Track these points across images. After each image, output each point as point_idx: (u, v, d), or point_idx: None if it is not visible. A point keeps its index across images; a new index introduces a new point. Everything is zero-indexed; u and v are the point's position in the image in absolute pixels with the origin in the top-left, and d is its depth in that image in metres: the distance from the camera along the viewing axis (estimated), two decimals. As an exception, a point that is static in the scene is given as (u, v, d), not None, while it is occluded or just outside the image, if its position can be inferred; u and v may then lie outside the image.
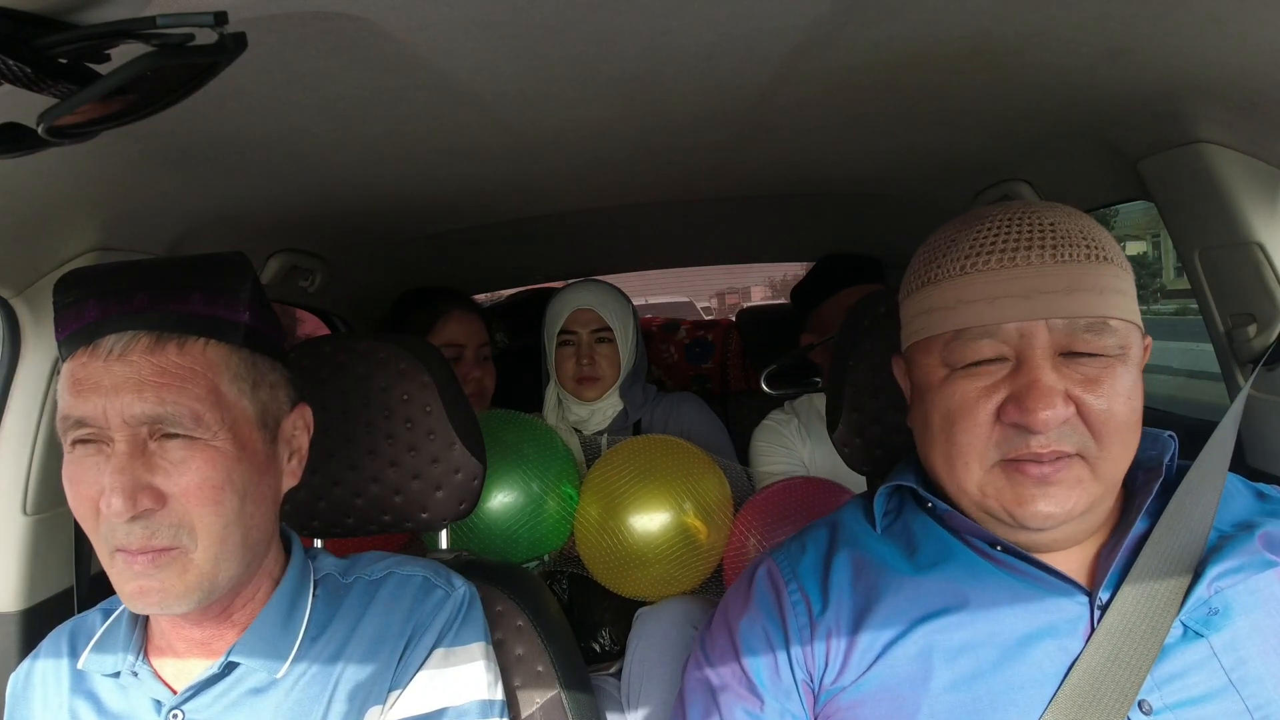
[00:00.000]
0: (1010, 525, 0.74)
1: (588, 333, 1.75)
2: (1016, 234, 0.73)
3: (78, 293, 0.73)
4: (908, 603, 0.78)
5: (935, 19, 0.77)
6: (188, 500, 0.71)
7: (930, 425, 0.77)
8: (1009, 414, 0.71)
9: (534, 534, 1.48)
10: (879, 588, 0.80)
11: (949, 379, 0.75)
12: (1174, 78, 0.92)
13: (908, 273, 0.83)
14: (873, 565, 0.82)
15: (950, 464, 0.75)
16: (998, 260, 0.73)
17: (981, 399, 0.72)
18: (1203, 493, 0.79)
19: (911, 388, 0.83)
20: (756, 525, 1.42)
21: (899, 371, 0.87)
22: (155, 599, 0.72)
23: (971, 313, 0.73)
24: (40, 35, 0.47)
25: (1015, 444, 0.71)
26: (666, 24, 0.74)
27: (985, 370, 0.73)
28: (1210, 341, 1.18)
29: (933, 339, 0.76)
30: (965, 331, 0.73)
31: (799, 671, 0.80)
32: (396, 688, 0.82)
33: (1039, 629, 0.74)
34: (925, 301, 0.77)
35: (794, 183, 1.52)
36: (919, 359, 0.79)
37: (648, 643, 1.38)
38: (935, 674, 0.74)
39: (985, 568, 0.79)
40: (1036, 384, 0.69)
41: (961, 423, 0.73)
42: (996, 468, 0.73)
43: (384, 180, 1.21)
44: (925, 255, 0.80)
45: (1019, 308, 0.71)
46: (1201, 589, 0.74)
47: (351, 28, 0.67)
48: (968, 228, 0.76)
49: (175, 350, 0.72)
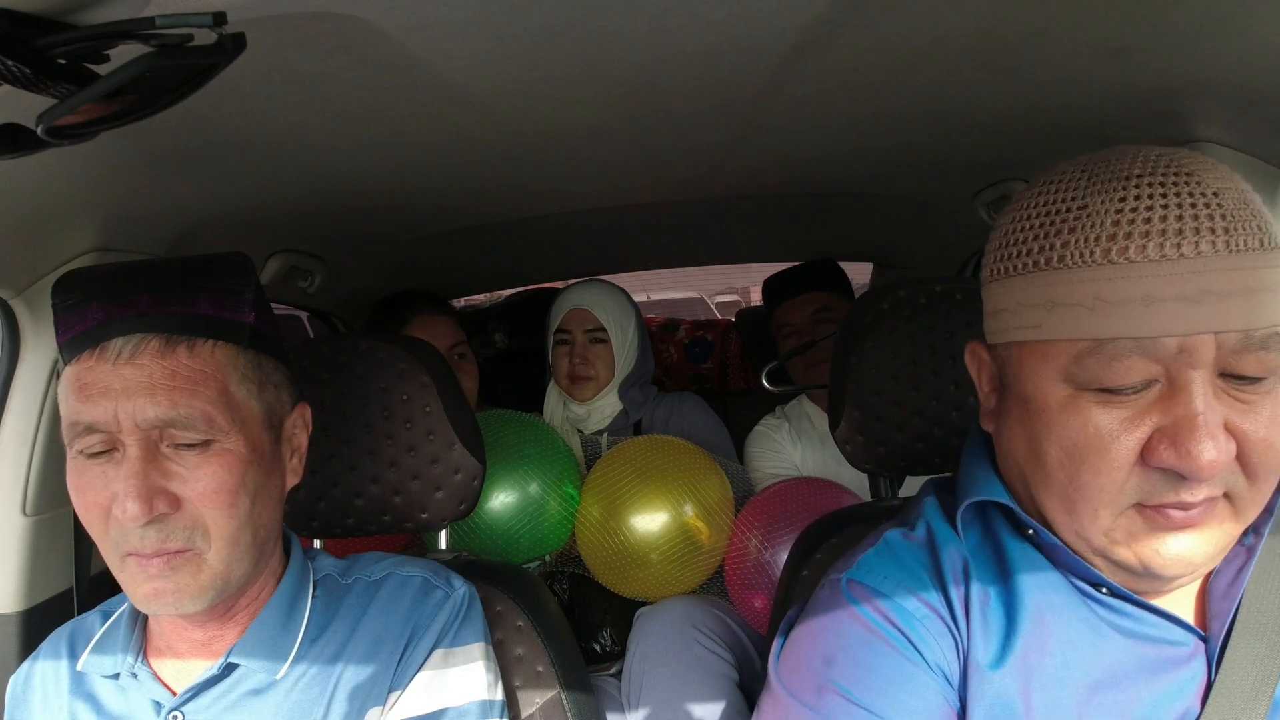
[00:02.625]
0: (1137, 574, 0.60)
1: (582, 333, 1.76)
2: (1178, 210, 0.54)
3: (78, 295, 0.73)
4: (1029, 655, 0.63)
5: (934, 18, 0.77)
6: (203, 504, 0.71)
7: (1043, 458, 0.60)
8: (1161, 457, 0.55)
9: (535, 534, 1.48)
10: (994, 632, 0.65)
11: (1075, 402, 0.57)
12: (1173, 77, 0.92)
13: (1003, 240, 0.63)
14: (979, 596, 0.67)
15: (1072, 509, 0.59)
16: (1156, 247, 0.54)
17: (1122, 434, 0.56)
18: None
19: (1004, 386, 0.65)
20: (758, 525, 1.42)
21: (975, 363, 0.69)
22: (170, 600, 0.72)
23: (1120, 319, 0.54)
24: (39, 36, 0.46)
25: (1161, 491, 0.56)
26: (665, 24, 0.74)
27: (1126, 398, 0.56)
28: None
29: (1053, 344, 0.58)
30: (1109, 344, 0.55)
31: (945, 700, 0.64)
32: (396, 688, 0.82)
33: (1164, 693, 0.61)
34: (1043, 290, 0.58)
35: (793, 182, 1.52)
36: (1026, 364, 0.61)
37: (648, 643, 1.38)
38: None
39: (1094, 612, 0.64)
40: (1199, 420, 0.53)
41: (1093, 462, 0.57)
42: (1130, 510, 0.58)
43: (383, 180, 1.21)
44: (1036, 221, 0.60)
45: (1185, 317, 0.53)
46: None
47: (351, 28, 0.67)
48: (1107, 192, 0.56)
49: (185, 353, 0.71)
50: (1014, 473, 0.66)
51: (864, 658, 0.65)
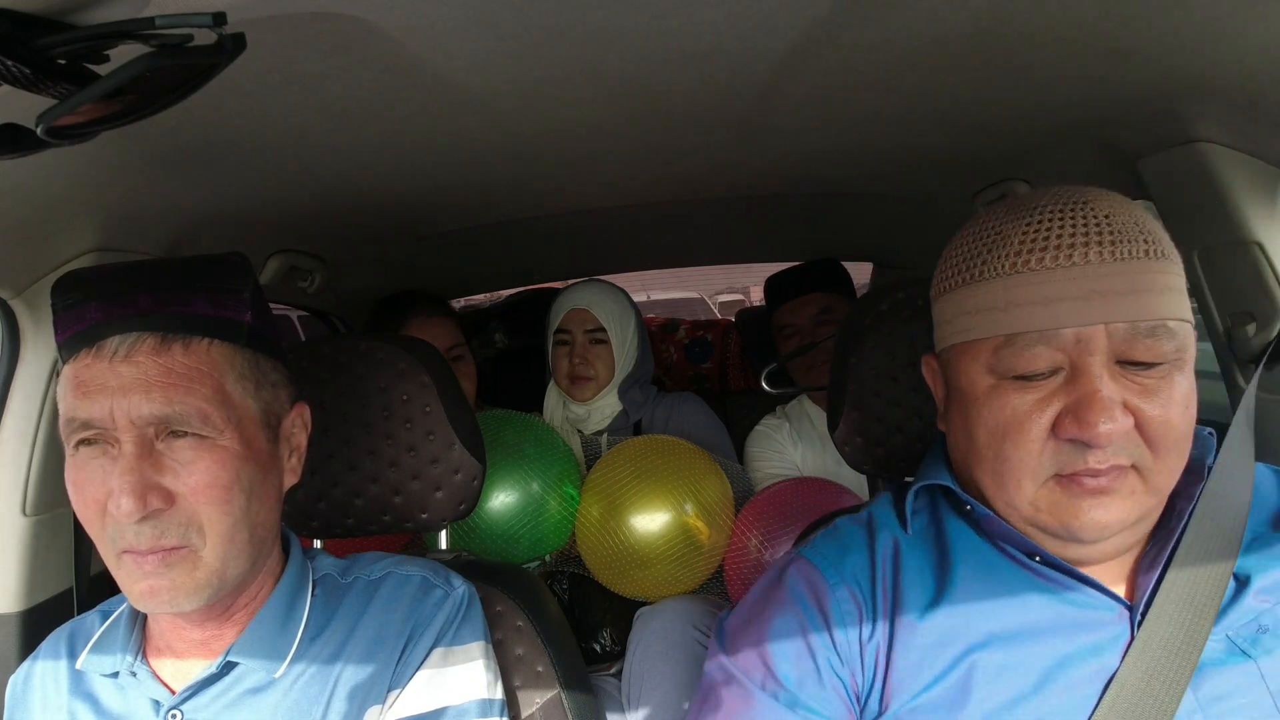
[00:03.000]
0: (1062, 538, 0.70)
1: (582, 333, 1.76)
2: (1071, 228, 0.67)
3: (78, 295, 0.73)
4: (946, 618, 0.73)
5: (933, 19, 0.77)
6: (196, 499, 0.71)
7: (975, 440, 0.71)
8: (1066, 429, 0.65)
9: (535, 534, 1.48)
10: (920, 599, 0.75)
11: (997, 390, 0.69)
12: (1173, 77, 0.92)
13: (943, 265, 0.76)
14: (912, 574, 0.77)
15: (1000, 481, 0.70)
16: (1052, 258, 0.66)
17: (1034, 413, 0.67)
18: (1231, 488, 0.75)
19: (948, 392, 0.77)
20: (758, 525, 1.43)
21: (930, 373, 0.81)
22: (165, 598, 0.72)
23: (1025, 316, 0.67)
24: (39, 36, 0.47)
25: (1072, 460, 0.66)
26: (665, 24, 0.74)
27: (1037, 381, 0.67)
28: (1209, 341, 1.18)
29: (978, 343, 0.70)
30: (1018, 338, 0.67)
31: (843, 678, 0.75)
32: (396, 687, 0.82)
33: (1080, 649, 0.70)
34: (969, 300, 0.71)
35: (793, 182, 1.52)
36: (960, 363, 0.73)
37: (648, 643, 1.38)
38: (973, 697, 0.70)
39: (1023, 580, 0.74)
40: (1096, 396, 0.64)
41: (1013, 438, 0.68)
42: (1051, 482, 0.68)
43: (383, 181, 1.21)
44: (966, 247, 0.73)
45: (1077, 311, 0.65)
46: (1249, 599, 0.69)
47: (351, 28, 0.67)
48: (1016, 219, 0.70)
49: (181, 351, 0.72)
50: (959, 461, 0.77)
51: (784, 627, 0.77)
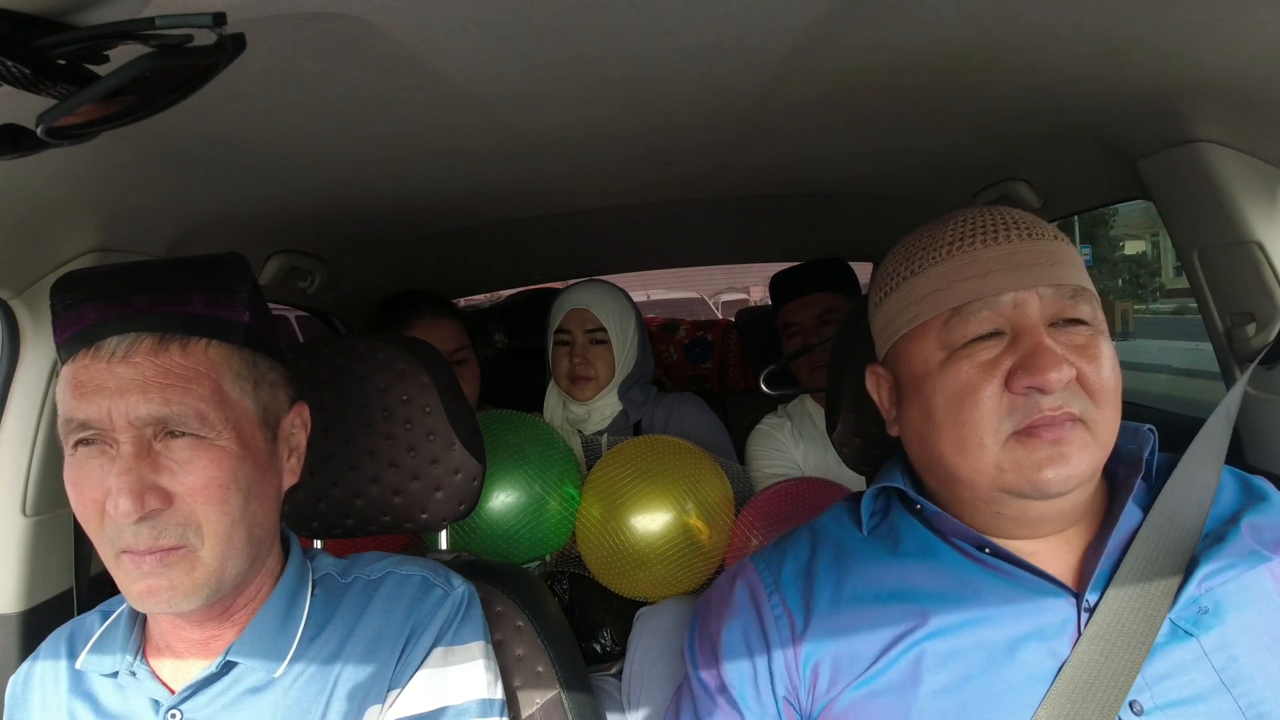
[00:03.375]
0: (1029, 497, 0.74)
1: (582, 333, 1.76)
2: (993, 222, 0.78)
3: (76, 295, 0.73)
4: (894, 610, 0.78)
5: (933, 19, 0.77)
6: (194, 499, 0.72)
7: (933, 412, 0.76)
8: (1018, 381, 0.71)
9: (535, 534, 1.48)
10: (864, 595, 0.80)
11: (949, 361, 0.75)
12: (1172, 77, 0.92)
13: (878, 280, 0.84)
14: (857, 572, 0.82)
15: (963, 446, 0.74)
16: (982, 241, 0.76)
17: (985, 374, 0.73)
18: (1192, 488, 0.80)
19: (898, 389, 0.83)
20: (758, 525, 1.43)
21: (875, 380, 0.87)
22: (164, 598, 0.72)
23: (968, 288, 0.75)
24: (39, 36, 0.46)
25: (1028, 410, 0.72)
26: (665, 24, 0.74)
27: (984, 346, 0.74)
28: (1209, 340, 1.18)
29: (927, 324, 0.77)
30: (964, 307, 0.75)
31: (780, 686, 0.80)
32: (395, 687, 0.82)
33: (1027, 632, 0.74)
34: (914, 291, 0.79)
35: (793, 183, 1.52)
36: (911, 349, 0.79)
37: (648, 643, 1.38)
38: (924, 679, 0.74)
39: (972, 570, 0.79)
40: (1040, 345, 0.71)
41: (969, 400, 0.73)
42: (1011, 440, 0.73)
43: (383, 181, 1.21)
44: (901, 257, 0.82)
45: (1011, 279, 0.74)
46: (1191, 588, 0.74)
47: (350, 29, 0.67)
48: (942, 225, 0.80)
49: (179, 351, 0.72)
50: (918, 453, 0.82)
51: (730, 635, 0.84)
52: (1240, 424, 1.04)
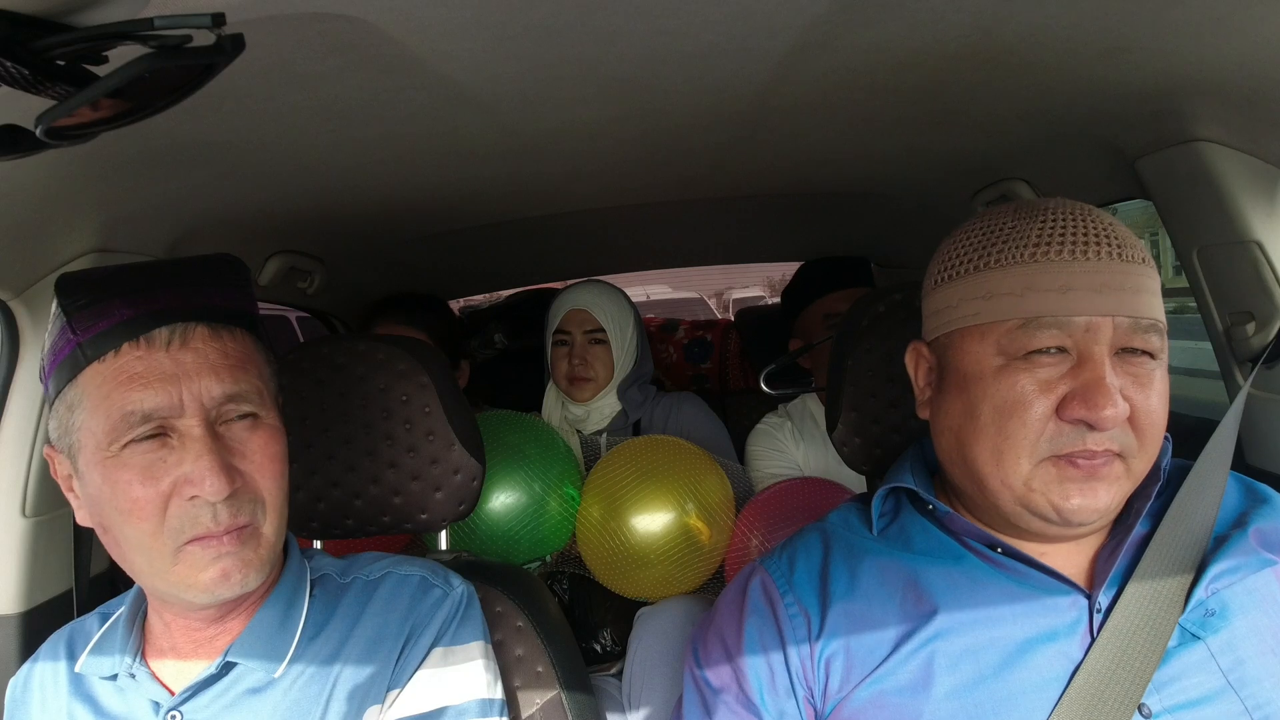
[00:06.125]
0: (1048, 520, 0.73)
1: (581, 333, 1.76)
2: (1084, 229, 0.73)
3: (94, 293, 0.74)
4: (907, 610, 0.77)
5: (933, 19, 0.77)
6: (260, 475, 0.75)
7: (978, 416, 0.74)
8: (1071, 410, 0.69)
9: (535, 535, 1.48)
10: (877, 592, 0.80)
11: (1006, 369, 0.72)
12: (1172, 76, 0.92)
13: (943, 257, 0.80)
14: (869, 570, 0.81)
15: (999, 457, 0.73)
16: (1069, 252, 0.72)
17: (1041, 393, 0.71)
18: (1204, 494, 0.80)
19: (943, 374, 0.79)
20: (758, 526, 1.42)
21: (915, 358, 0.84)
22: (237, 579, 0.74)
23: (1044, 302, 0.71)
24: (38, 37, 0.46)
25: (1071, 440, 0.70)
26: (665, 25, 0.74)
27: (1045, 362, 0.71)
28: (1209, 340, 1.18)
29: (990, 325, 0.74)
30: (1034, 320, 0.71)
31: (799, 687, 0.79)
32: (395, 687, 0.82)
33: (1040, 633, 0.74)
34: (984, 285, 0.75)
35: (792, 183, 1.52)
36: (967, 346, 0.76)
37: (649, 643, 1.38)
38: (936, 680, 0.74)
39: (984, 571, 0.78)
40: (1101, 381, 0.69)
41: (1018, 416, 0.71)
42: (1046, 462, 0.71)
43: (382, 181, 1.21)
44: (974, 240, 0.77)
45: (1091, 302, 0.70)
46: (1199, 591, 0.74)
47: (350, 29, 0.67)
48: (1030, 217, 0.75)
49: (229, 336, 0.76)
50: (947, 446, 0.79)
51: (746, 639, 0.83)
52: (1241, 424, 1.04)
